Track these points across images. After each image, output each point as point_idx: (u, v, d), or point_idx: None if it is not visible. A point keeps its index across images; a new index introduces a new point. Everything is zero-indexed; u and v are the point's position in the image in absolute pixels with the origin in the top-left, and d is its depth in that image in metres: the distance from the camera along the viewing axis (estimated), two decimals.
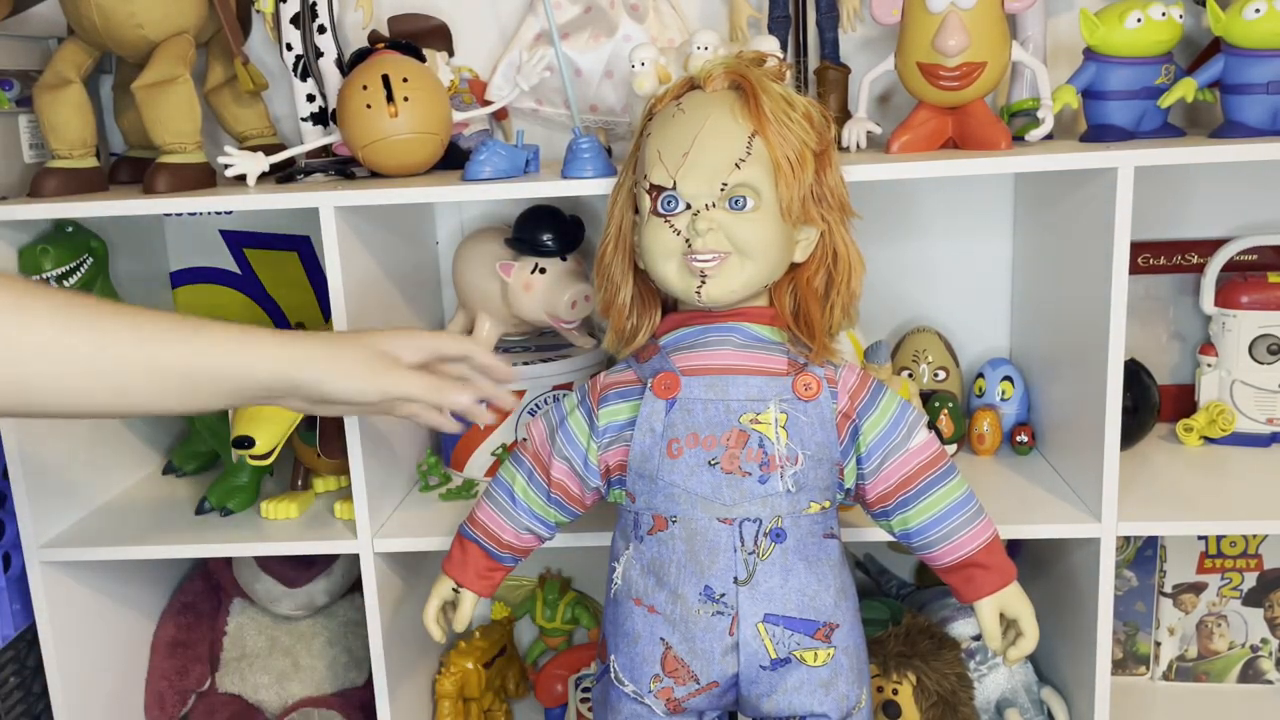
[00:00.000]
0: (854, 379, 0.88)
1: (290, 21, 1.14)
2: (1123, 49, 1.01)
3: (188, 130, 1.07)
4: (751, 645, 0.84)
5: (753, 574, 0.84)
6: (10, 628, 1.12)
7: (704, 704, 0.87)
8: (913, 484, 0.87)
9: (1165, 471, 1.13)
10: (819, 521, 0.86)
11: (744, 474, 0.83)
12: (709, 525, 0.84)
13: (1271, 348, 1.18)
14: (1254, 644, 1.26)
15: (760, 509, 0.84)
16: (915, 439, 0.87)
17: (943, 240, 1.28)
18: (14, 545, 1.10)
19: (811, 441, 0.85)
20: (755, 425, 0.84)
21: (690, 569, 0.84)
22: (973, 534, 0.88)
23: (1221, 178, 1.23)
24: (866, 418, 0.87)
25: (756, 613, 0.84)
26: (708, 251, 0.82)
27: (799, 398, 0.84)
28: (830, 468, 0.86)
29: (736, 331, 0.86)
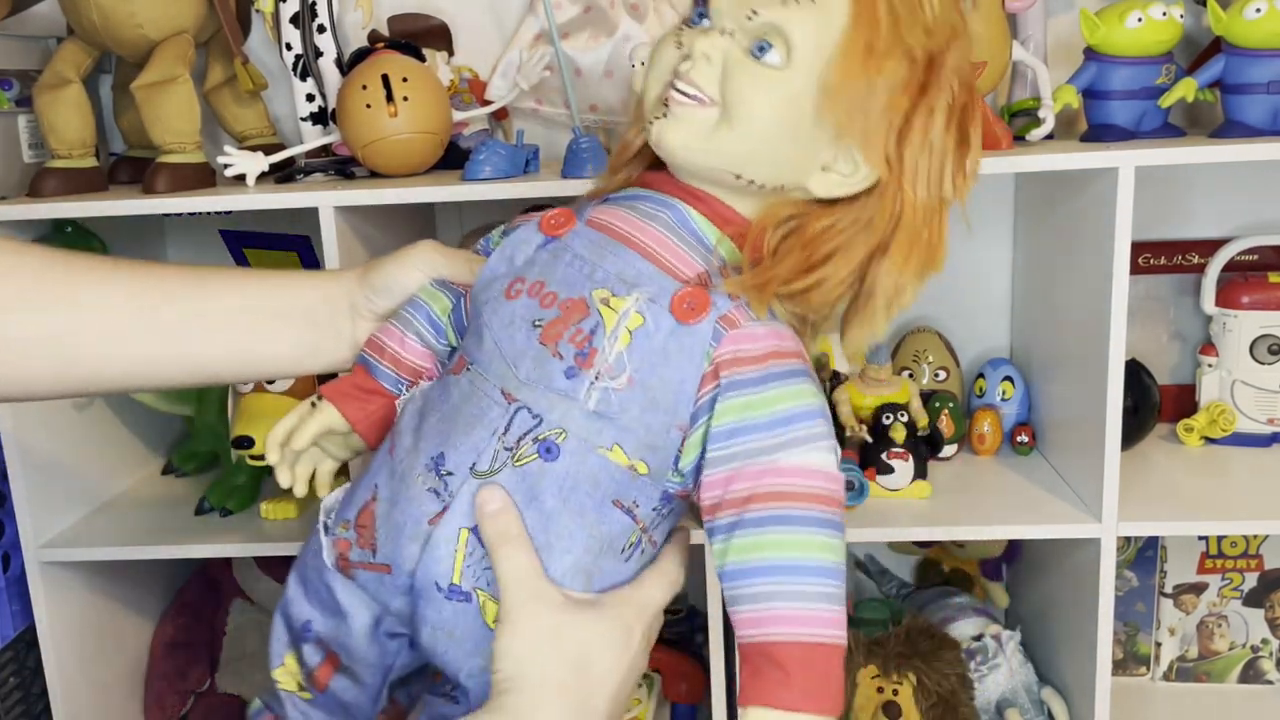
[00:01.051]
0: (761, 344, 0.62)
1: (290, 21, 1.14)
2: (1123, 49, 1.01)
3: (187, 130, 1.07)
4: (440, 550, 0.63)
5: (494, 473, 0.63)
6: (10, 628, 1.12)
7: (372, 585, 0.67)
8: (760, 505, 0.60)
9: (1166, 472, 1.13)
10: (618, 480, 0.63)
11: (557, 354, 0.63)
12: (489, 391, 0.64)
13: (1272, 348, 1.18)
14: (1254, 644, 1.26)
15: (547, 406, 0.63)
16: (794, 456, 0.61)
17: None
18: (13, 545, 1.10)
19: (653, 370, 0.62)
20: (603, 306, 0.63)
21: (443, 428, 0.65)
22: (794, 615, 0.59)
23: (1222, 178, 1.23)
24: (736, 394, 0.62)
25: (469, 517, 0.63)
26: (689, 84, 0.62)
27: (670, 311, 0.62)
28: (665, 423, 0.63)
29: (672, 210, 0.66)
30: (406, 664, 0.72)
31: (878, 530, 1.04)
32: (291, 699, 0.73)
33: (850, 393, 1.14)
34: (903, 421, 1.09)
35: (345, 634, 0.69)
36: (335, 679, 0.71)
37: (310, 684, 0.72)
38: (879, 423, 1.10)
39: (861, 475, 1.05)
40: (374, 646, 0.70)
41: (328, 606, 0.70)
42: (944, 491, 1.10)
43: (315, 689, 0.72)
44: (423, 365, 0.74)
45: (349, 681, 0.71)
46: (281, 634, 0.73)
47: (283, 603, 0.73)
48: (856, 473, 1.05)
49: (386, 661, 0.71)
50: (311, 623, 0.71)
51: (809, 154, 0.63)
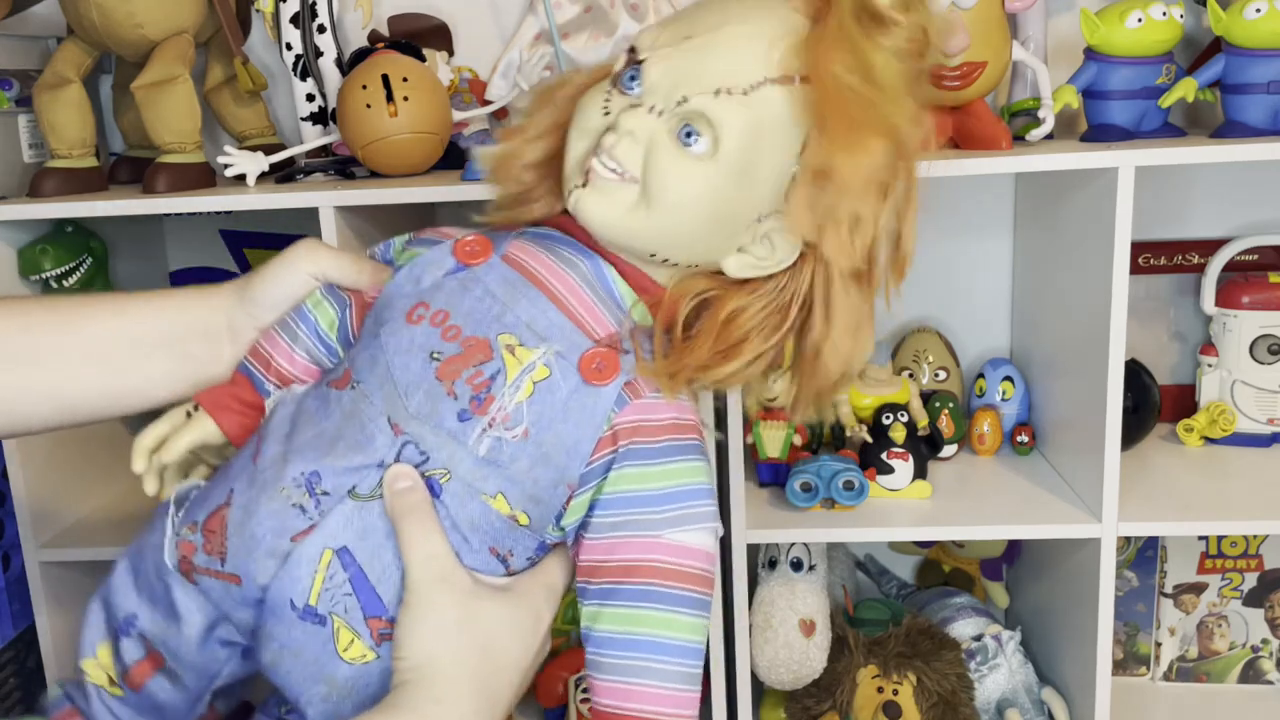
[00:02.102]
0: (663, 416, 0.62)
1: (290, 21, 1.14)
2: (1123, 49, 1.01)
3: (187, 130, 1.07)
4: (300, 570, 0.61)
5: (373, 498, 0.61)
6: (10, 628, 1.12)
7: (217, 593, 0.63)
8: (635, 579, 0.61)
9: (1166, 472, 1.13)
10: (496, 528, 0.62)
11: (452, 393, 0.61)
12: (375, 417, 0.62)
13: (1272, 348, 1.18)
14: (1254, 644, 1.26)
15: (435, 444, 0.61)
16: (678, 533, 0.61)
17: (943, 240, 1.28)
18: (14, 545, 1.10)
19: (550, 426, 0.61)
20: (507, 353, 0.61)
21: (320, 445, 0.62)
22: (658, 695, 0.61)
23: (1222, 178, 1.23)
24: (633, 465, 0.62)
25: (339, 539, 0.61)
26: (612, 159, 0.61)
27: (578, 369, 0.61)
28: (554, 479, 0.62)
29: (591, 263, 0.65)
30: (234, 672, 0.68)
31: (878, 530, 1.04)
32: (99, 693, 0.68)
33: (850, 393, 1.14)
34: (903, 421, 1.09)
35: (174, 636, 0.66)
36: (154, 679, 0.67)
37: (123, 681, 0.68)
38: (879, 423, 1.10)
39: (861, 475, 1.05)
40: (204, 652, 0.66)
41: (160, 605, 0.66)
42: (944, 491, 1.10)
43: (129, 687, 0.68)
44: (309, 381, 0.70)
45: (168, 683, 0.67)
46: (98, 622, 0.69)
47: (105, 589, 0.69)
48: (856, 473, 1.05)
49: (214, 669, 0.67)
50: (137, 617, 0.67)
51: (726, 239, 0.64)
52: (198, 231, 1.35)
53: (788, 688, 1.09)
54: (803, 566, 1.10)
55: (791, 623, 1.05)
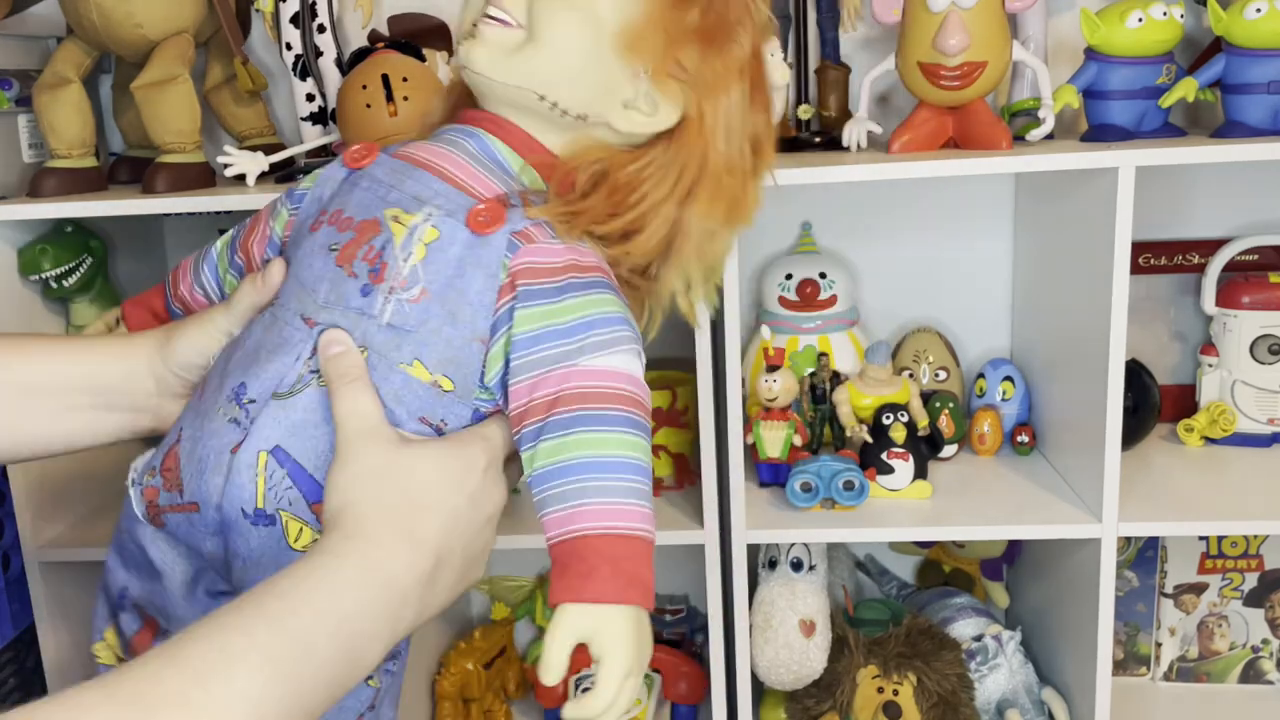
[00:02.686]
0: (559, 258, 0.64)
1: (290, 21, 1.14)
2: (1124, 49, 1.01)
3: (187, 130, 1.07)
4: (242, 477, 0.62)
5: (296, 393, 0.63)
6: (10, 628, 1.12)
7: (186, 531, 0.66)
8: (558, 411, 0.61)
9: (1166, 472, 1.13)
10: (421, 397, 0.63)
11: (351, 274, 0.64)
12: (290, 319, 0.65)
13: (1273, 348, 1.18)
14: (1255, 645, 1.26)
15: (348, 326, 0.63)
16: (596, 360, 0.62)
17: (943, 240, 1.28)
18: (13, 546, 1.10)
19: (448, 283, 0.63)
20: (394, 222, 0.64)
21: (245, 361, 0.65)
22: (598, 510, 0.59)
23: (1222, 178, 1.23)
24: (534, 304, 0.63)
25: (270, 439, 0.62)
26: (498, 8, 0.65)
27: (466, 225, 0.63)
28: (465, 336, 0.63)
29: (474, 139, 0.68)
30: None
31: (878, 530, 1.04)
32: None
33: (850, 393, 1.14)
34: (903, 421, 1.09)
35: (161, 595, 0.68)
36: (155, 645, 0.66)
37: (128, 654, 0.71)
38: (879, 423, 1.10)
39: (862, 475, 1.05)
40: (192, 606, 0.68)
41: (142, 567, 0.68)
42: (944, 492, 1.10)
43: (133, 657, 0.68)
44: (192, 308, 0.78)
45: None
46: (101, 608, 0.72)
47: (101, 578, 0.72)
48: (857, 473, 1.05)
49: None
50: (128, 589, 0.69)
51: (610, 86, 0.66)
52: (197, 231, 1.35)
53: (788, 688, 1.09)
54: (803, 567, 1.10)
55: (791, 623, 1.05)
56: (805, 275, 1.21)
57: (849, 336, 1.22)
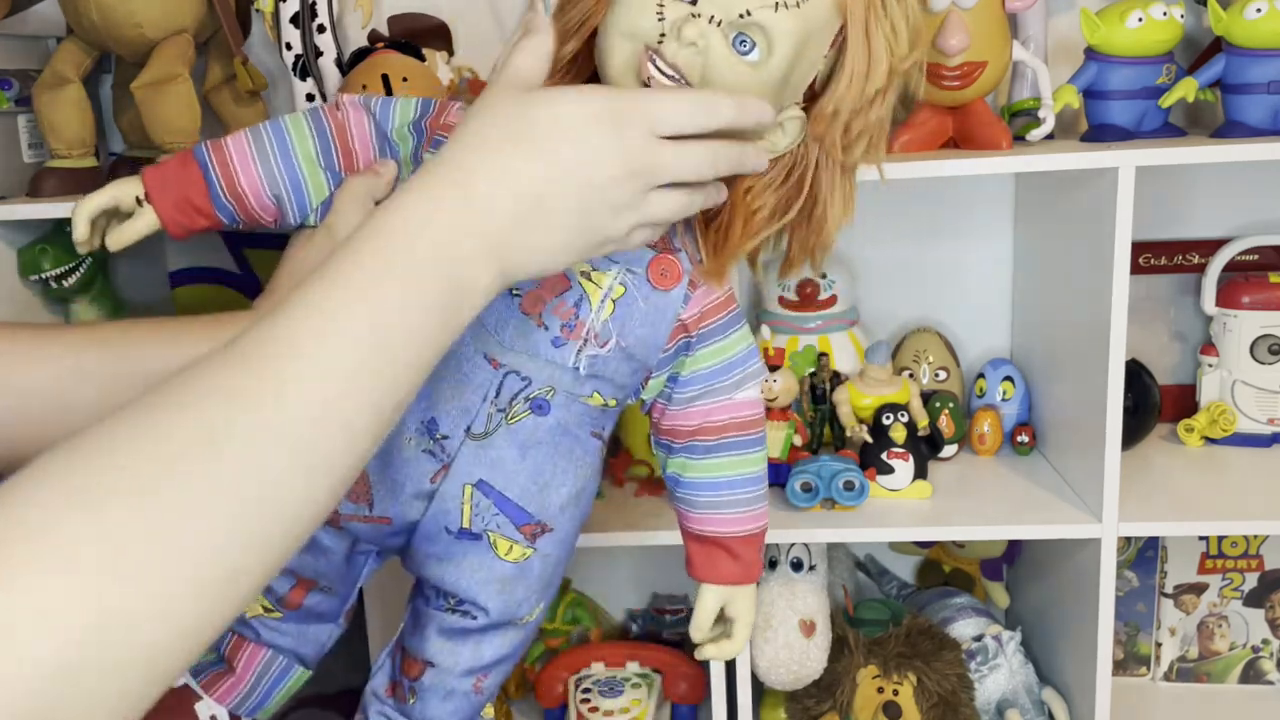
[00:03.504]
0: (717, 297, 0.74)
1: (290, 21, 1.14)
2: (1124, 49, 1.01)
3: (187, 130, 1.07)
4: (448, 504, 0.72)
5: (490, 434, 0.71)
6: None
7: (366, 533, 0.76)
8: (711, 436, 0.76)
9: (1166, 472, 1.13)
10: (594, 416, 0.75)
11: (541, 324, 0.70)
12: (470, 356, 0.70)
13: (1273, 348, 1.18)
14: (1255, 645, 1.26)
15: (536, 371, 0.70)
16: (743, 392, 0.77)
17: (943, 240, 1.28)
18: None
19: (634, 334, 0.72)
20: (583, 280, 0.70)
21: (425, 391, 0.68)
22: (741, 518, 0.79)
23: (1223, 178, 1.23)
24: (707, 344, 0.75)
25: (472, 474, 0.72)
26: (673, 68, 0.64)
27: (649, 279, 0.71)
28: (638, 371, 0.74)
29: None
30: (374, 568, 0.82)
31: (878, 530, 1.04)
32: (261, 621, 0.81)
33: (850, 393, 1.14)
34: (903, 421, 1.09)
35: (321, 563, 0.77)
36: (310, 596, 0.80)
37: (281, 605, 0.80)
38: (879, 423, 1.10)
39: (862, 475, 1.05)
40: (350, 567, 0.79)
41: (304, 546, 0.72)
42: (944, 492, 1.10)
43: (287, 609, 0.80)
44: (264, 217, 0.74)
45: (323, 596, 0.80)
46: None
47: None
48: (857, 473, 1.05)
49: (357, 573, 0.81)
50: None
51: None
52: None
53: (788, 688, 1.09)
54: (803, 567, 1.09)
55: (791, 623, 1.05)
56: (805, 275, 1.21)
57: (849, 336, 1.22)
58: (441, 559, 0.74)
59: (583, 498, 0.77)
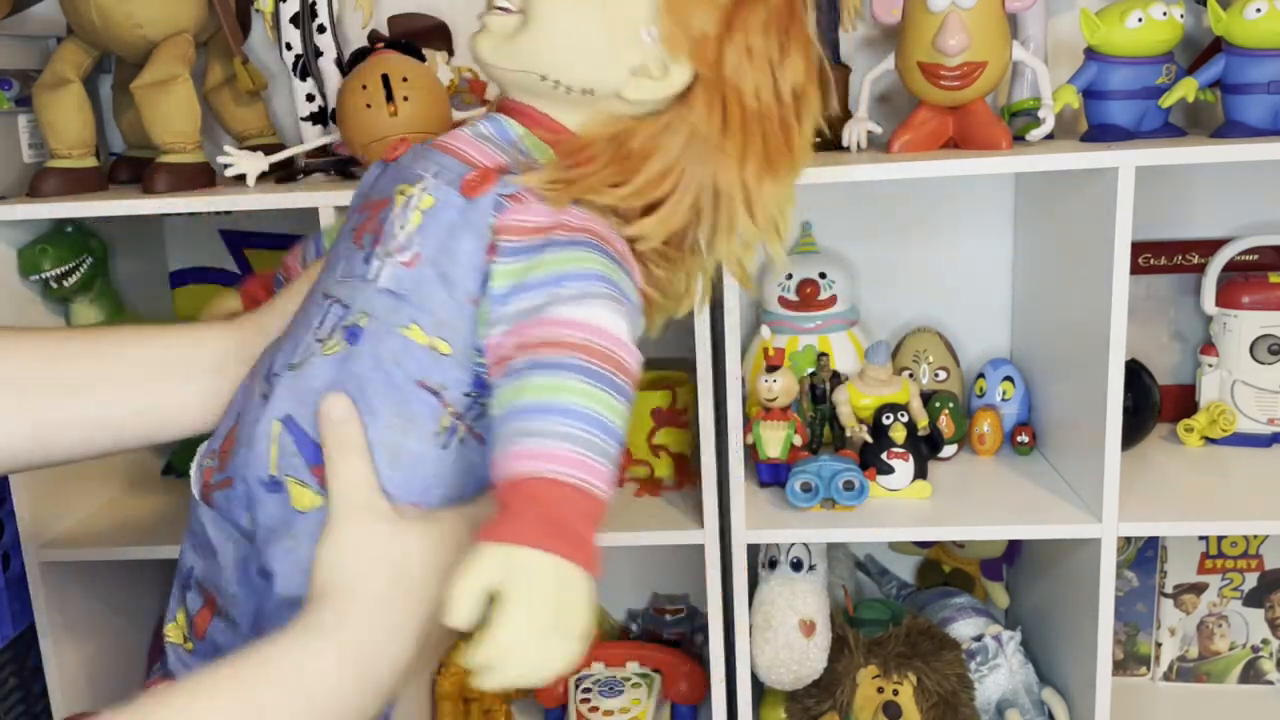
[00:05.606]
0: (542, 219, 0.63)
1: (290, 21, 1.14)
2: (1124, 49, 1.01)
3: (187, 130, 1.07)
4: (260, 446, 0.64)
5: (304, 363, 0.65)
6: (10, 628, 1.12)
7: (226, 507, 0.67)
8: (526, 353, 0.58)
9: (1166, 472, 1.13)
10: (420, 360, 0.63)
11: (359, 247, 0.67)
12: (315, 296, 0.68)
13: (1273, 348, 1.18)
14: (1255, 645, 1.26)
15: (352, 295, 0.65)
16: (566, 308, 0.59)
17: (943, 240, 1.28)
18: (13, 546, 1.10)
19: (441, 246, 0.64)
20: (398, 195, 0.66)
21: (282, 340, 0.68)
22: (545, 453, 0.55)
23: (1222, 178, 1.23)
24: (513, 260, 0.62)
25: (283, 409, 0.64)
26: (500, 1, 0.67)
27: (457, 189, 0.64)
28: (458, 297, 0.63)
29: (492, 121, 0.69)
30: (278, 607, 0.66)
31: (878, 530, 1.04)
32: (176, 650, 0.72)
33: (850, 393, 1.14)
34: (903, 422, 1.09)
35: (216, 572, 0.69)
36: (213, 623, 0.70)
37: (192, 633, 0.72)
38: (879, 423, 1.10)
39: (861, 475, 1.05)
40: (244, 585, 0.67)
41: (202, 546, 0.69)
42: (944, 492, 1.10)
43: (196, 637, 0.71)
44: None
45: (224, 624, 0.69)
46: (176, 590, 0.73)
47: (176, 567, 0.73)
48: (856, 473, 1.05)
49: (255, 601, 0.67)
50: (194, 568, 0.71)
51: (614, 55, 0.66)
52: (198, 231, 1.35)
53: (788, 688, 1.09)
54: (803, 567, 1.10)
55: (791, 623, 1.05)
56: (805, 275, 1.21)
57: (849, 336, 1.22)
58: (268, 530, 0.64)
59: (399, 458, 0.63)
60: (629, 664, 1.25)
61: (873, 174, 0.95)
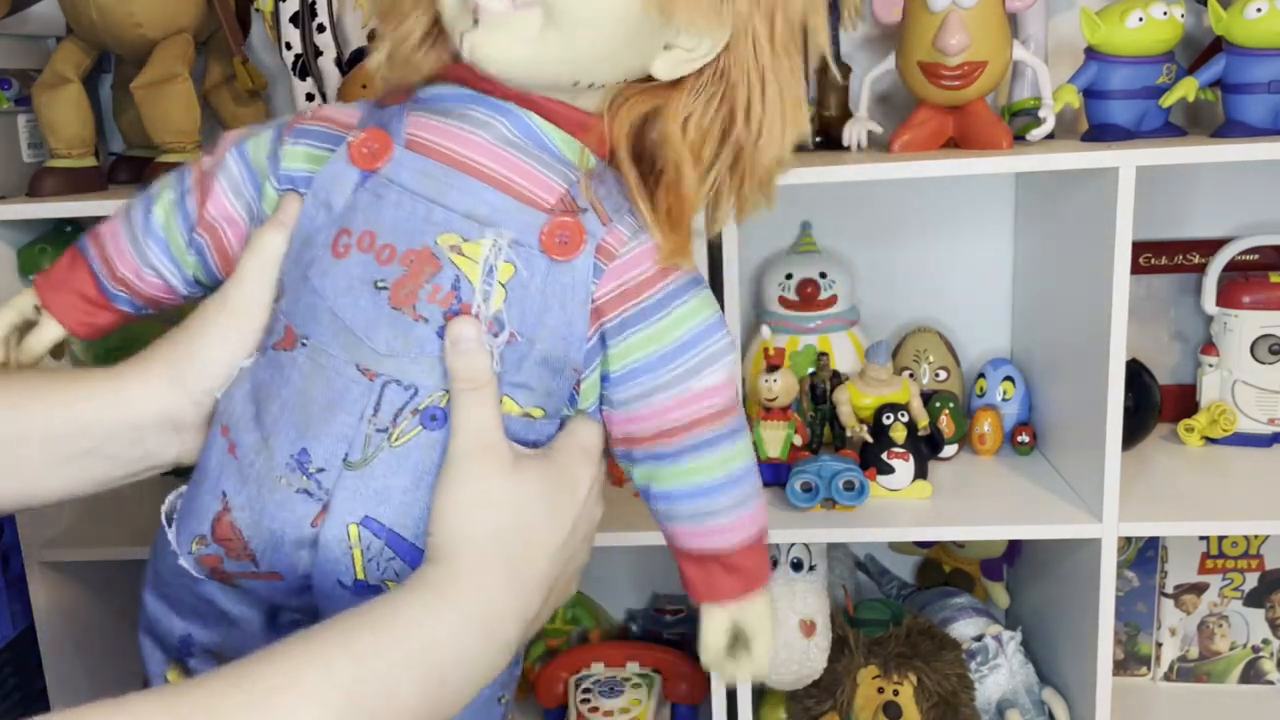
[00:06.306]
0: (645, 269, 0.57)
1: (289, 20, 1.14)
2: (1124, 48, 1.01)
3: (187, 129, 1.07)
4: (334, 551, 0.57)
5: (369, 460, 0.56)
6: (9, 628, 1.12)
7: (270, 592, 0.61)
8: (676, 438, 0.59)
9: (1166, 472, 1.13)
10: (511, 429, 0.58)
11: (419, 318, 0.56)
12: (341, 369, 0.57)
13: (1273, 348, 1.18)
14: (1255, 645, 1.26)
15: (419, 373, 0.56)
16: (704, 379, 0.59)
17: (943, 240, 1.28)
18: (13, 546, 1.10)
19: (537, 322, 0.57)
20: (455, 256, 0.55)
21: (294, 417, 0.57)
22: (734, 524, 0.62)
23: (1223, 177, 1.22)
24: (633, 332, 0.58)
25: (355, 511, 0.57)
26: None
27: (543, 249, 0.56)
28: (561, 372, 0.58)
29: (508, 116, 0.57)
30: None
31: (878, 530, 1.04)
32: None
33: (850, 393, 1.14)
34: (903, 421, 1.09)
35: (238, 638, 0.63)
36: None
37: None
38: (879, 423, 1.10)
39: (862, 475, 1.05)
40: (273, 637, 0.59)
41: (211, 618, 0.64)
42: (944, 492, 1.10)
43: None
44: (164, 298, 0.65)
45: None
46: (155, 654, 0.67)
47: (144, 623, 0.67)
48: (857, 473, 1.05)
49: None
50: (192, 635, 0.65)
51: (650, 38, 0.56)
52: None
53: (788, 688, 1.09)
54: (803, 567, 1.09)
55: (792, 623, 1.05)
56: (805, 275, 1.21)
57: (849, 336, 1.22)
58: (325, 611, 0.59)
59: None
60: (629, 664, 1.25)
61: (873, 174, 0.95)
